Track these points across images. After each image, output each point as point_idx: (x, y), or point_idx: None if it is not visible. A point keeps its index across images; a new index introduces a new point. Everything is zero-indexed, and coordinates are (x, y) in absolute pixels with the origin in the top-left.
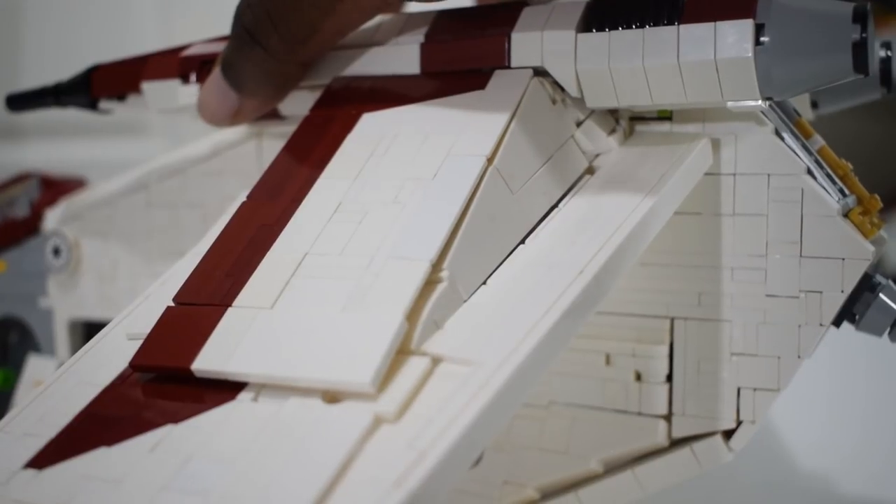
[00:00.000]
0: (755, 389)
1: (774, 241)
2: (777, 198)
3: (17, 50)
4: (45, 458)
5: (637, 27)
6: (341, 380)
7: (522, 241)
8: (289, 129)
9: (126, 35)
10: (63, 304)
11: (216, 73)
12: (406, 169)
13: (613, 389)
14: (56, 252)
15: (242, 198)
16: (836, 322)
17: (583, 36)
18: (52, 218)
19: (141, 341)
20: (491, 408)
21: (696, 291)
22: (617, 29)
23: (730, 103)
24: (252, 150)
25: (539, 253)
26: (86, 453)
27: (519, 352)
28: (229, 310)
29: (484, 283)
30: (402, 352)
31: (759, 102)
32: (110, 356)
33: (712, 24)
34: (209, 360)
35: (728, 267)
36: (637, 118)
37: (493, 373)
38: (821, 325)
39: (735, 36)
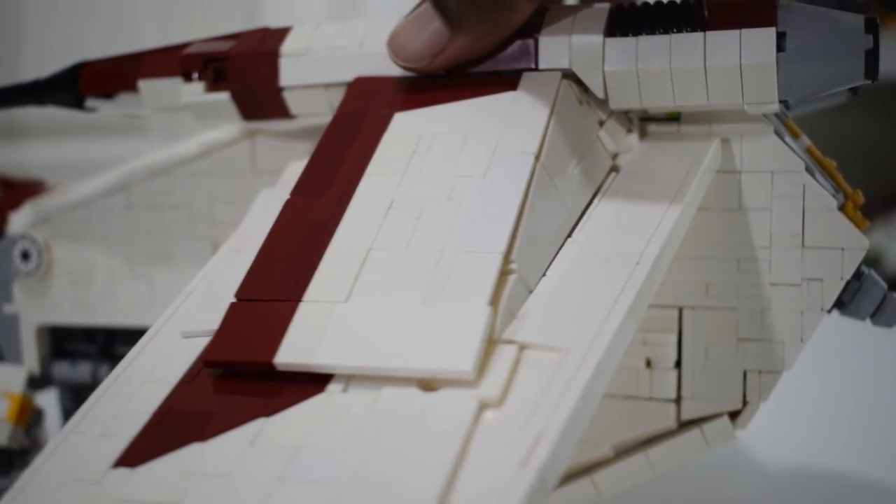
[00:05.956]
0: (760, 372)
1: (778, 233)
2: (780, 193)
3: (17, 48)
4: (135, 456)
5: (663, 33)
6: (441, 368)
7: (569, 235)
8: (287, 129)
9: (126, 33)
10: (31, 309)
11: (426, 6)
12: (453, 167)
13: (625, 376)
14: (25, 256)
15: (271, 194)
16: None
17: (611, 40)
18: (18, 221)
19: (200, 339)
20: (589, 389)
21: (703, 282)
22: (644, 34)
23: (747, 105)
24: (245, 151)
25: (589, 246)
26: (178, 450)
27: (602, 338)
28: (301, 304)
29: (544, 275)
30: (488, 340)
31: (776, 105)
32: (167, 355)
33: (738, 31)
34: (293, 354)
35: (734, 258)
36: (646, 119)
37: (584, 358)
38: (821, 309)
39: (759, 43)
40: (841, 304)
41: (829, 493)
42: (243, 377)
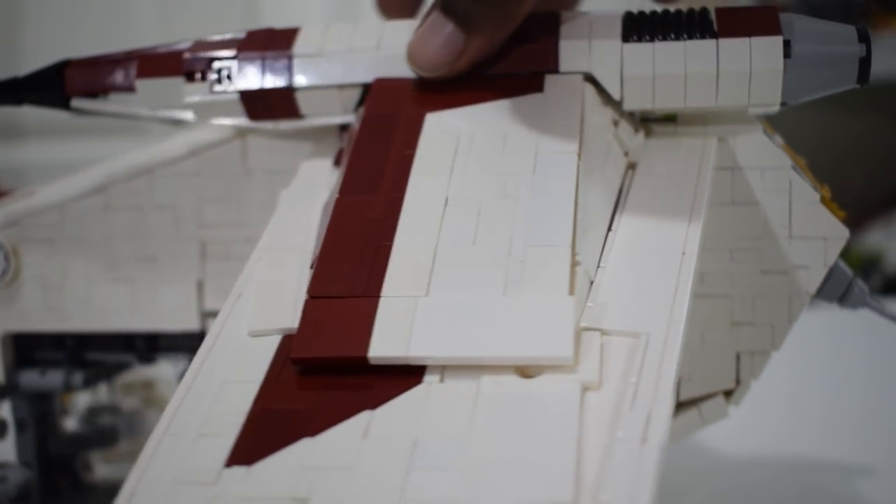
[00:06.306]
0: (753, 353)
1: (767, 225)
2: (769, 188)
3: (16, 48)
4: (245, 454)
5: (677, 39)
6: (541, 355)
7: (609, 229)
8: (272, 130)
9: (124, 33)
10: None
11: (436, 13)
12: (499, 165)
13: None
14: None
15: (294, 194)
16: None
17: (628, 45)
18: None
19: (268, 337)
20: (677, 369)
21: (699, 271)
22: (658, 40)
23: (752, 107)
24: (236, 151)
25: (631, 239)
26: (289, 447)
27: (676, 322)
28: (381, 299)
29: (598, 266)
30: None
31: (777, 107)
32: (239, 355)
33: (748, 39)
34: (386, 347)
35: (728, 249)
36: (645, 119)
37: (666, 341)
38: (807, 294)
39: (768, 50)
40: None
41: (804, 484)
42: (330, 373)
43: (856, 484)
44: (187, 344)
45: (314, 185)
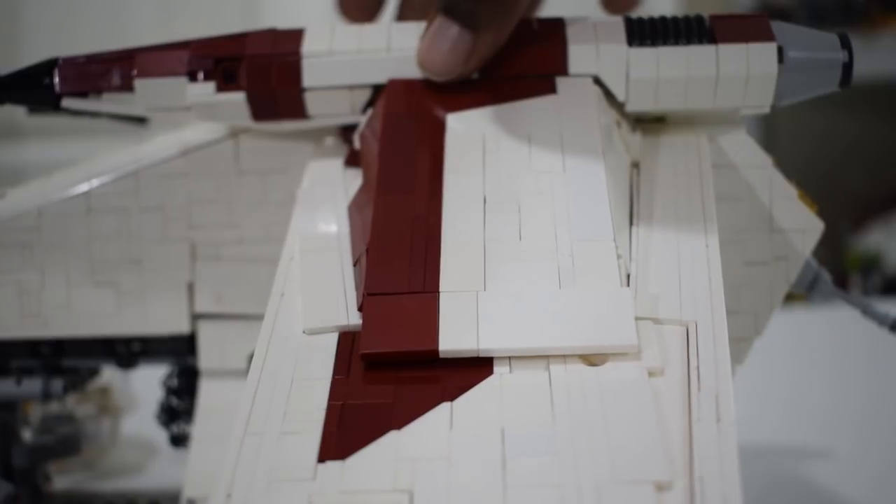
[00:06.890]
0: (738, 340)
1: (751, 219)
2: (752, 185)
3: (16, 49)
4: (337, 449)
5: (679, 44)
6: (608, 343)
7: (631, 224)
8: (272, 130)
9: (123, 32)
10: None
11: (440, 18)
12: (529, 164)
13: None
14: None
15: (313, 194)
16: None
17: (633, 50)
18: None
19: (324, 335)
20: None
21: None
22: (660, 45)
23: (745, 109)
24: (228, 151)
25: (653, 232)
26: (378, 440)
27: (718, 308)
28: (442, 295)
29: (630, 258)
30: None
31: (768, 108)
32: (300, 353)
33: (745, 45)
34: (455, 341)
35: None
36: (638, 119)
37: (714, 327)
38: (787, 283)
39: (765, 56)
40: None
41: (798, 478)
42: (397, 367)
43: (853, 479)
44: (170, 348)
45: (329, 184)
